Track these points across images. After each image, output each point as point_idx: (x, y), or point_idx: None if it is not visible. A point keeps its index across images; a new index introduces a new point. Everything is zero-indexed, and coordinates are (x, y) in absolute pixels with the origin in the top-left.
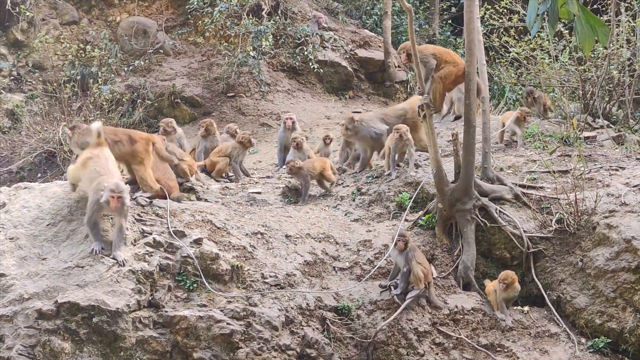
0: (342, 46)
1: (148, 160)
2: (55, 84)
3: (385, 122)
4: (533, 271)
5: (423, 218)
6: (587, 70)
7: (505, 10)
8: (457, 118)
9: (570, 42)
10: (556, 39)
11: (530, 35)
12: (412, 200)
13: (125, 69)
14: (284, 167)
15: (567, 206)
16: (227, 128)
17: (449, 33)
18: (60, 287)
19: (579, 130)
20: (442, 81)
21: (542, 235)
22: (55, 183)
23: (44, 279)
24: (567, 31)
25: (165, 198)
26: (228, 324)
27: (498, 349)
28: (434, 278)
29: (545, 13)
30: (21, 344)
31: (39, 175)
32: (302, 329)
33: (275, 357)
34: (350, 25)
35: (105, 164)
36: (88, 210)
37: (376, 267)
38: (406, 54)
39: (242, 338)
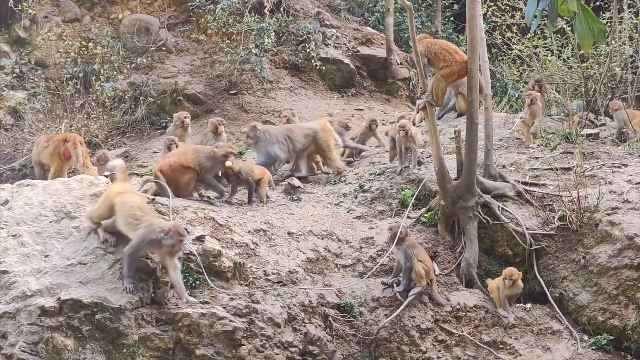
0: (344, 43)
1: (58, 160)
2: (57, 82)
3: (290, 138)
4: (535, 268)
5: (425, 215)
6: (589, 67)
7: (507, 7)
8: (459, 115)
9: (574, 38)
10: (558, 36)
11: (530, 31)
12: (414, 197)
13: (128, 66)
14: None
15: (570, 203)
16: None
17: (451, 30)
18: (63, 284)
19: (581, 128)
20: (445, 80)
21: (544, 232)
22: (58, 180)
23: (47, 276)
24: (569, 28)
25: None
26: (230, 320)
27: (500, 346)
28: (436, 275)
29: (545, 10)
30: (24, 340)
31: None
32: (304, 326)
33: (277, 354)
34: (352, 22)
35: (140, 202)
36: (134, 246)
37: (378, 264)
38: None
39: (245, 335)
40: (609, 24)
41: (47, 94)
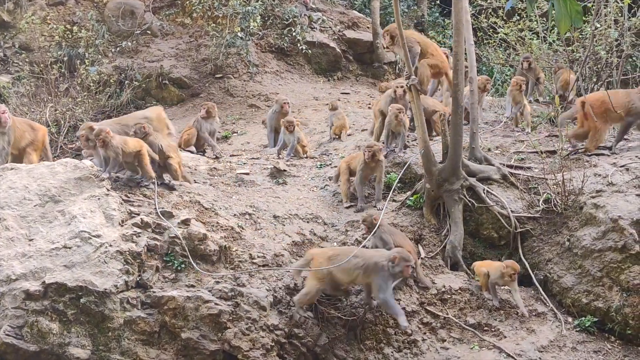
0: (330, 27)
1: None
2: (42, 65)
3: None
4: (520, 251)
5: (411, 198)
6: (574, 50)
7: None
8: None
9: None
10: (544, 19)
11: (506, 9)
12: (398, 180)
13: (113, 50)
14: (274, 148)
15: (555, 186)
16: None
17: (437, 14)
18: (48, 267)
19: (562, 109)
20: (430, 68)
21: (529, 215)
22: (42, 164)
23: (32, 260)
24: (554, 11)
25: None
26: (216, 304)
27: (485, 328)
28: (421, 258)
29: None
30: (9, 324)
31: None
32: (290, 309)
33: (263, 337)
34: (338, 6)
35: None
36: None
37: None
38: (390, 37)
39: (230, 318)
40: (593, 6)
41: (32, 78)
